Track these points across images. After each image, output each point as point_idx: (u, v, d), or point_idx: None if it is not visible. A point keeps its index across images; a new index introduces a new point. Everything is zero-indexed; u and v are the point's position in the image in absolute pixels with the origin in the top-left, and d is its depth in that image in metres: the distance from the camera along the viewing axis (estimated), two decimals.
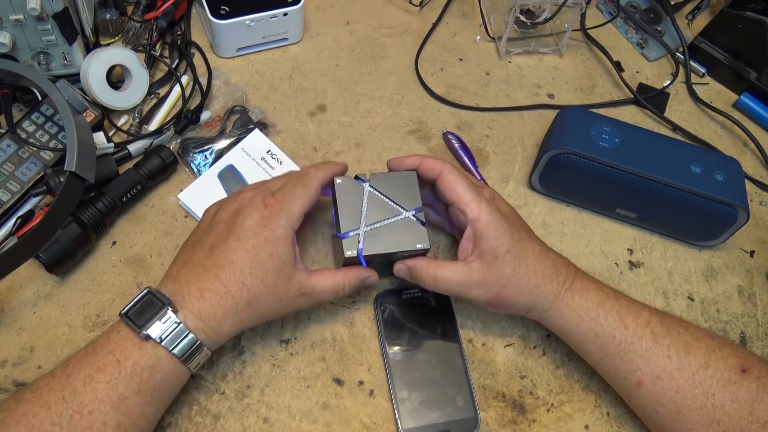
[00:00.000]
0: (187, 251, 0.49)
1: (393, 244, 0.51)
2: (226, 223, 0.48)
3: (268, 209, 0.48)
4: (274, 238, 0.47)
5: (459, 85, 0.73)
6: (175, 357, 0.44)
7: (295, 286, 0.48)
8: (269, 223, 0.47)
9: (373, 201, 0.53)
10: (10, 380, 0.50)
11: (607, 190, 0.61)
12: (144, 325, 0.43)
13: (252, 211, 0.48)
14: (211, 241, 0.48)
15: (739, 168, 0.61)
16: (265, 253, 0.46)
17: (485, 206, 0.50)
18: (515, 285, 0.50)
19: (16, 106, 0.63)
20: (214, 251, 0.47)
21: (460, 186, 0.51)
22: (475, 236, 0.50)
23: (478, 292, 0.50)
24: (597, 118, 0.62)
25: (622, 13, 0.81)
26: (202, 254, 0.47)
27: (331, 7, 0.78)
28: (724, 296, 0.62)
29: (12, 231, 0.56)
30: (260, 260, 0.46)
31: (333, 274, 0.51)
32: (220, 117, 0.66)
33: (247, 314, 0.47)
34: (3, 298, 0.54)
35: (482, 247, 0.49)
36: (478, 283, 0.50)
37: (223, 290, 0.45)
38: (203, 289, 0.45)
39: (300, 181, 0.50)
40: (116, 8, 0.68)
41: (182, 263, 0.48)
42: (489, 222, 0.49)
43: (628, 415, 0.54)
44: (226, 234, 0.47)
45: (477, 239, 0.50)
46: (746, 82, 0.75)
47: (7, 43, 0.57)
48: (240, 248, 0.46)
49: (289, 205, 0.48)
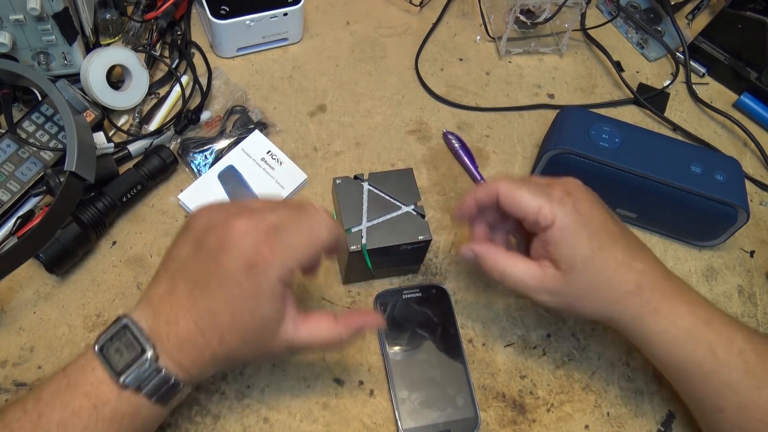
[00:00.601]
0: (169, 274, 0.42)
1: (396, 237, 0.52)
2: (209, 256, 0.40)
3: (259, 256, 0.39)
4: (258, 294, 0.40)
5: (459, 85, 0.73)
6: (156, 403, 0.40)
7: (280, 344, 0.42)
8: (255, 273, 0.39)
9: (373, 198, 0.53)
10: (10, 380, 0.50)
11: (607, 190, 0.61)
12: (123, 371, 0.39)
13: (239, 252, 0.39)
14: (193, 273, 0.41)
15: (739, 168, 0.61)
16: (246, 309, 0.40)
17: (558, 208, 0.45)
18: (590, 299, 0.46)
19: (16, 106, 0.63)
20: (194, 292, 0.40)
21: (522, 196, 0.45)
22: (549, 242, 0.45)
23: (548, 299, 0.46)
24: (597, 118, 0.62)
25: (622, 13, 0.81)
26: (183, 289, 0.41)
27: (331, 7, 0.78)
28: (724, 296, 0.62)
29: (12, 231, 0.56)
30: (241, 317, 0.40)
31: (327, 326, 0.43)
32: (220, 117, 0.66)
33: (229, 363, 0.43)
34: (3, 298, 0.54)
35: (557, 255, 0.45)
36: (550, 291, 0.46)
37: (202, 342, 0.40)
38: (182, 339, 0.40)
39: (307, 229, 0.41)
40: (116, 8, 0.68)
41: (163, 291, 0.41)
42: (564, 228, 0.44)
43: (628, 414, 0.54)
44: (208, 272, 0.40)
45: (552, 246, 0.45)
46: (746, 82, 0.75)
47: (7, 43, 0.57)
48: (221, 298, 0.40)
49: (284, 256, 0.40)
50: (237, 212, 0.41)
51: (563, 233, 0.44)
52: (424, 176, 0.66)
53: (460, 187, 0.65)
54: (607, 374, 0.56)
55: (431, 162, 0.67)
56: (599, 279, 0.45)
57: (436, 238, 0.62)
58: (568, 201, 0.45)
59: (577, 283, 0.45)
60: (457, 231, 0.62)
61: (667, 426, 0.54)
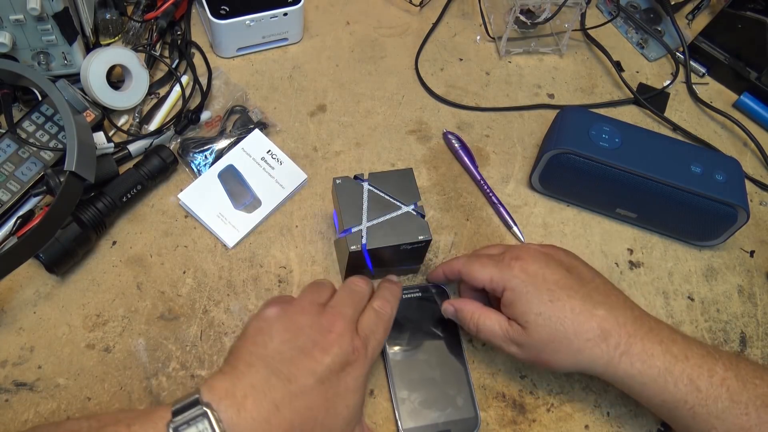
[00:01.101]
0: (254, 369, 0.41)
1: (396, 237, 0.52)
2: (306, 355, 0.42)
3: (356, 354, 0.44)
4: (356, 387, 0.44)
5: (459, 85, 0.73)
6: None
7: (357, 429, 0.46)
8: (354, 369, 0.44)
9: (373, 198, 0.53)
10: (10, 380, 0.50)
11: (607, 190, 0.61)
12: None
13: (339, 350, 0.43)
14: (289, 372, 0.41)
15: (739, 168, 0.61)
16: (342, 404, 0.43)
17: (507, 273, 0.49)
18: (553, 349, 0.47)
19: (16, 106, 0.63)
20: (291, 387, 0.41)
21: (476, 270, 0.51)
22: (505, 305, 0.49)
23: (516, 351, 0.49)
24: (597, 118, 0.62)
25: (622, 13, 0.81)
26: (277, 385, 0.41)
27: (331, 7, 0.78)
28: (724, 296, 0.62)
29: (12, 231, 0.56)
30: (335, 410, 0.42)
31: None
32: (220, 117, 0.66)
33: None
34: (3, 298, 0.54)
35: (514, 314, 0.48)
36: (516, 343, 0.49)
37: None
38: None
39: (382, 321, 0.48)
40: (116, 8, 0.68)
41: (248, 386, 0.40)
42: (513, 289, 0.48)
43: (628, 415, 0.54)
44: (306, 371, 0.42)
45: (507, 307, 0.49)
46: (746, 82, 0.75)
47: (7, 43, 0.57)
48: (320, 394, 0.42)
49: (373, 349, 0.46)
50: (326, 310, 0.46)
51: (513, 294, 0.48)
52: (424, 176, 0.66)
53: (460, 187, 0.65)
54: None
55: (431, 162, 0.67)
56: (557, 330, 0.47)
57: (436, 238, 0.62)
58: (515, 265, 0.49)
59: (537, 335, 0.47)
60: (457, 231, 0.62)
61: (667, 426, 0.54)
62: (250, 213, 0.60)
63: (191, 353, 0.53)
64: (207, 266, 0.58)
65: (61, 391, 0.50)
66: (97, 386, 0.51)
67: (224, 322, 0.55)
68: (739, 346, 0.59)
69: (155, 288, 0.56)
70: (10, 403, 0.49)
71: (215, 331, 0.54)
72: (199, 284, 0.57)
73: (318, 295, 0.47)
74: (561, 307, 0.47)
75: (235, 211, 0.60)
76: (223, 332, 0.54)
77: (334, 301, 0.47)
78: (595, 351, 0.47)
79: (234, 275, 0.57)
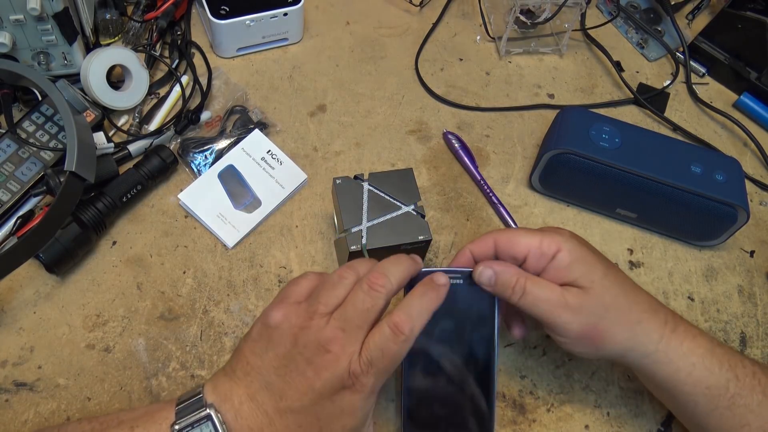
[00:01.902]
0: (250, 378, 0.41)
1: (396, 236, 0.52)
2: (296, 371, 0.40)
3: (352, 379, 0.39)
4: (352, 410, 0.40)
5: (459, 85, 0.73)
6: None
7: None
8: (350, 393, 0.39)
9: (373, 198, 0.53)
10: (10, 380, 0.50)
11: (607, 190, 0.61)
12: None
13: (332, 375, 0.39)
14: (281, 388, 0.40)
15: (739, 168, 0.61)
16: (338, 424, 0.40)
17: (558, 236, 0.45)
18: (615, 317, 0.43)
19: (16, 106, 0.63)
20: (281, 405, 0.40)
21: (520, 236, 0.45)
22: (561, 266, 0.44)
23: (570, 319, 0.43)
24: (597, 118, 0.62)
25: (622, 13, 0.81)
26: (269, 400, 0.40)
27: (331, 7, 0.78)
28: (724, 296, 0.62)
29: (12, 231, 0.56)
30: (330, 428, 0.40)
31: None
32: (220, 117, 0.66)
33: None
34: (3, 298, 0.54)
35: (575, 274, 0.44)
36: (573, 307, 0.43)
37: None
38: None
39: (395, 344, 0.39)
40: (116, 8, 0.68)
41: (244, 394, 0.40)
42: (572, 249, 0.44)
43: (628, 414, 0.54)
44: (299, 391, 0.40)
45: (566, 268, 0.44)
46: (746, 82, 0.75)
47: (7, 43, 0.57)
48: (311, 414, 0.39)
49: (377, 375, 0.39)
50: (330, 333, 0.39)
51: (573, 254, 0.44)
52: (424, 176, 0.66)
53: (460, 187, 0.65)
54: (607, 374, 0.56)
55: (431, 162, 0.67)
56: (619, 295, 0.44)
57: (436, 238, 0.62)
58: (563, 231, 0.46)
59: (599, 298, 0.43)
60: (457, 231, 0.62)
61: (667, 426, 0.54)
62: (250, 213, 0.60)
63: (191, 353, 0.53)
64: (207, 266, 0.58)
65: (61, 391, 0.50)
66: (97, 386, 0.51)
67: (224, 322, 0.55)
68: (739, 346, 0.59)
69: (155, 288, 0.56)
70: (10, 403, 0.49)
71: (215, 331, 0.54)
72: (199, 284, 0.57)
73: (331, 295, 0.41)
74: (619, 274, 0.45)
75: (235, 211, 0.60)
76: (223, 332, 0.54)
77: (343, 310, 0.40)
78: (651, 324, 0.44)
79: (234, 275, 0.57)
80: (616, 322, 0.44)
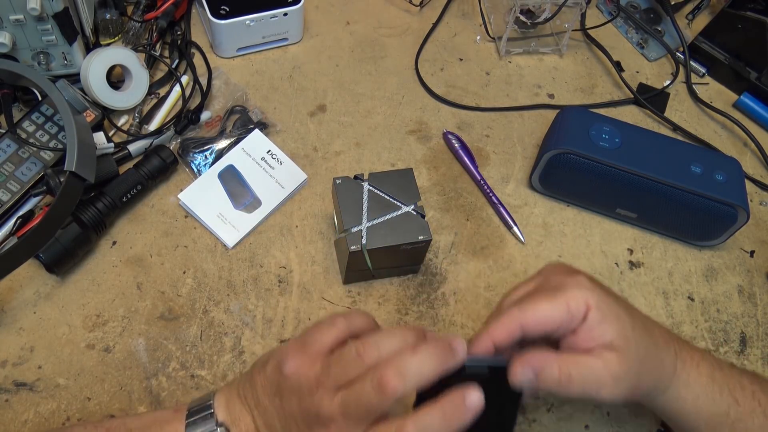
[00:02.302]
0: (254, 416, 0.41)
1: (396, 237, 0.52)
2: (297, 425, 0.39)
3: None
4: None
5: (459, 85, 0.73)
6: None
7: None
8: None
9: (373, 198, 0.53)
10: (10, 380, 0.50)
11: (607, 190, 0.61)
12: None
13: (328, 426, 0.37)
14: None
15: (739, 168, 0.61)
16: None
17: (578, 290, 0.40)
18: (648, 369, 0.41)
19: (16, 106, 0.63)
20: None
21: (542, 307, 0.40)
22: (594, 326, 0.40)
23: (617, 391, 0.40)
24: (597, 118, 0.62)
25: (622, 13, 0.81)
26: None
27: (331, 7, 0.78)
28: (724, 296, 0.62)
29: (12, 231, 0.56)
30: None
31: None
32: (220, 117, 0.66)
33: None
34: (3, 298, 0.54)
35: (609, 334, 0.40)
36: (617, 377, 0.39)
37: None
38: None
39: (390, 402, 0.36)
40: (116, 8, 0.68)
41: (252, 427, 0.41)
42: (599, 306, 0.40)
43: (628, 415, 0.54)
44: None
45: (598, 328, 0.40)
46: (746, 82, 0.75)
47: (7, 43, 0.57)
48: None
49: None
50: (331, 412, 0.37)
51: (602, 309, 0.40)
52: (424, 176, 0.66)
53: (460, 187, 0.65)
54: None
55: (431, 162, 0.67)
56: (648, 344, 0.41)
57: (436, 238, 0.62)
58: (582, 281, 0.41)
59: (636, 355, 0.40)
60: (457, 231, 0.62)
61: (667, 426, 0.54)
62: (250, 213, 0.60)
63: (191, 353, 0.53)
64: (207, 266, 0.58)
65: (61, 391, 0.50)
66: (97, 386, 0.51)
67: (224, 322, 0.55)
68: (739, 346, 0.59)
69: (155, 288, 0.56)
70: (10, 403, 0.49)
71: (215, 331, 0.54)
72: (199, 284, 0.57)
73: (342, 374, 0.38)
74: (635, 312, 0.42)
75: (235, 211, 0.60)
76: (223, 332, 0.54)
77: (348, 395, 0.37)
78: (667, 359, 0.42)
79: (234, 275, 0.57)
80: (649, 372, 0.42)
